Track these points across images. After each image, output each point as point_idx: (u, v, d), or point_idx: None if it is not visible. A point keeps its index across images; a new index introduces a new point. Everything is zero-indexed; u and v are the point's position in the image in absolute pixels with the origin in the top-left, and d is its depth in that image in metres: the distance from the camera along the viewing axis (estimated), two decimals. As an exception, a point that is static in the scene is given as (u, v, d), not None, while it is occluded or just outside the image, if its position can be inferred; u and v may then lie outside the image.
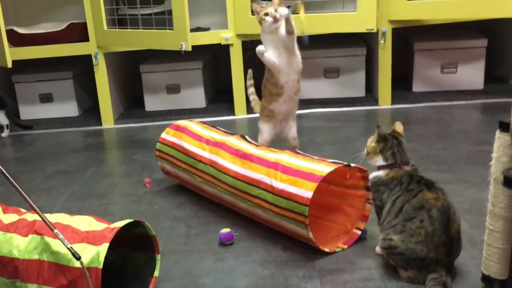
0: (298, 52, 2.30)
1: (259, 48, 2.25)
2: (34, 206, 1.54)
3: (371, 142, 1.72)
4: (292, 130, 2.43)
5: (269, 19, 2.20)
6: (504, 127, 1.30)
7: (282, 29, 2.23)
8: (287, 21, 2.20)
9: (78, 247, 1.58)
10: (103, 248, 1.53)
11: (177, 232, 2.02)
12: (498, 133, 1.36)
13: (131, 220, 1.62)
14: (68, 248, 1.52)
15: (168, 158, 2.33)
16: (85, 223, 1.67)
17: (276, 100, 2.34)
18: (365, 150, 1.73)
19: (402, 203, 1.58)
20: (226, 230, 1.91)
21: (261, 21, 2.24)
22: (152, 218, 2.14)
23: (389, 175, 1.66)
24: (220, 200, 2.15)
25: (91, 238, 1.58)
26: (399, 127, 1.73)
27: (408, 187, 1.60)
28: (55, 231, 1.53)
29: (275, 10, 2.21)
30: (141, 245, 1.73)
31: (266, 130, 2.39)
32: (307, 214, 1.73)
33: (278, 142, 2.42)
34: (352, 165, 1.82)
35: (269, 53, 2.25)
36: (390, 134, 1.70)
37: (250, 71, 2.53)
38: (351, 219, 1.91)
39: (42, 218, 1.55)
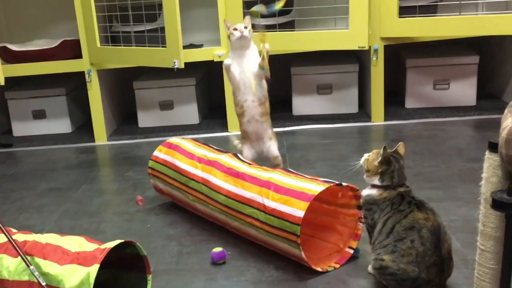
0: (264, 84, 2.45)
1: (227, 61, 2.43)
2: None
3: (373, 160, 1.69)
4: (271, 150, 2.50)
5: (236, 33, 2.38)
6: (493, 147, 1.30)
7: (252, 53, 2.43)
8: (263, 57, 2.36)
9: (68, 268, 1.57)
10: (94, 269, 1.52)
11: (169, 251, 2.01)
12: (487, 154, 1.35)
13: (122, 241, 1.61)
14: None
15: (160, 176, 2.33)
16: (75, 243, 1.66)
17: (240, 120, 2.50)
18: (365, 166, 1.71)
19: (393, 224, 1.58)
20: (218, 249, 1.91)
21: (229, 36, 2.42)
22: (145, 236, 2.14)
23: (382, 195, 1.66)
24: (212, 219, 2.14)
25: (81, 259, 1.58)
26: (401, 148, 1.72)
27: (399, 208, 1.61)
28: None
29: (245, 27, 2.39)
30: (132, 265, 1.72)
31: (245, 151, 2.51)
32: (299, 233, 1.72)
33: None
34: (344, 184, 1.82)
35: (233, 68, 2.43)
36: (392, 155, 1.68)
37: None
38: (343, 238, 1.91)
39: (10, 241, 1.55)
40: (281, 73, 3.70)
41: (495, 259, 1.40)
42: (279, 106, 3.08)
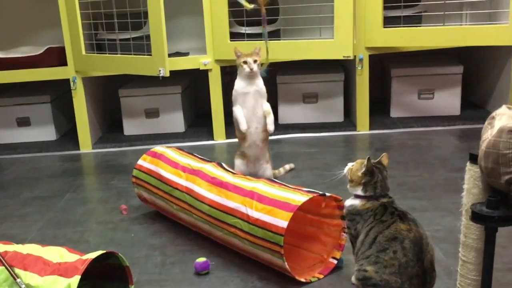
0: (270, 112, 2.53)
1: (236, 90, 2.51)
2: None
3: (357, 170, 1.68)
4: (266, 173, 2.55)
5: (246, 68, 2.45)
6: (474, 159, 1.30)
7: (259, 82, 2.53)
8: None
9: (49, 280, 1.55)
10: (75, 280, 1.51)
11: (153, 261, 2.00)
12: (468, 165, 1.36)
13: (104, 252, 1.61)
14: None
15: (144, 185, 2.32)
16: (57, 254, 1.65)
17: (241, 143, 2.55)
18: (349, 176, 1.70)
19: (376, 234, 1.58)
20: (202, 259, 1.90)
21: (238, 66, 2.49)
22: (128, 246, 2.12)
23: (365, 205, 1.66)
24: (196, 228, 2.13)
25: (62, 270, 1.56)
26: (385, 159, 1.71)
27: (381, 218, 1.61)
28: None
29: (254, 61, 2.45)
30: (115, 276, 1.71)
31: (238, 166, 2.55)
32: (282, 244, 1.72)
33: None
34: (327, 194, 1.82)
35: (238, 103, 2.52)
36: (376, 166, 1.68)
37: None
38: (327, 248, 1.91)
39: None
40: (267, 81, 3.71)
41: (476, 270, 1.41)
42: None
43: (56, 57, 3.41)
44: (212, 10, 3.18)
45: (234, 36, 3.24)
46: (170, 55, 3.27)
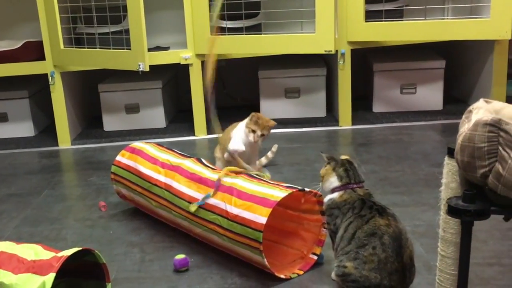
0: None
1: (235, 148, 2.43)
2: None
3: (322, 169, 1.73)
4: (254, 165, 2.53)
5: (250, 138, 2.42)
6: (452, 153, 1.30)
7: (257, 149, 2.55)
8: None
9: (23, 277, 1.53)
10: (49, 278, 1.49)
11: (131, 258, 1.98)
12: (446, 159, 1.36)
13: (80, 249, 1.58)
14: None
15: (123, 181, 2.28)
16: (31, 251, 1.62)
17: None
18: (320, 180, 1.72)
19: (355, 229, 1.57)
20: (181, 256, 1.89)
21: (246, 127, 2.45)
22: (106, 243, 2.11)
23: (342, 197, 1.65)
24: (175, 225, 2.11)
25: (37, 267, 1.54)
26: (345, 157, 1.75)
27: (360, 213, 1.60)
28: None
29: (261, 135, 2.43)
30: (92, 273, 1.69)
31: (218, 163, 2.52)
32: (261, 240, 1.70)
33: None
34: (307, 189, 1.80)
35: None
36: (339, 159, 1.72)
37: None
38: (307, 244, 1.89)
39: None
40: (248, 76, 3.71)
41: (455, 265, 1.40)
42: (246, 109, 3.06)
43: (34, 51, 3.36)
44: (193, 3, 3.14)
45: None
46: (150, 50, 3.25)
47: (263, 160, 2.73)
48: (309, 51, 3.13)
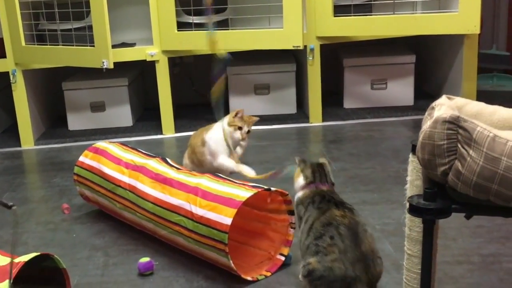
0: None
1: (227, 166, 2.37)
2: None
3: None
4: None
5: (238, 135, 2.35)
6: (416, 150, 1.27)
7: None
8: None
9: (-24, 286, 1.46)
10: (3, 285, 1.44)
11: (95, 262, 1.95)
12: (411, 156, 1.35)
13: (38, 254, 1.54)
14: None
15: (86, 182, 2.22)
16: (-13, 258, 1.55)
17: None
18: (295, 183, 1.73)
19: (313, 221, 1.59)
20: (145, 259, 1.86)
21: (230, 125, 2.37)
22: (69, 247, 2.06)
23: (305, 194, 1.66)
24: (140, 227, 2.05)
25: (-8, 275, 1.47)
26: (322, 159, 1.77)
27: (318, 205, 1.61)
28: None
29: (248, 132, 2.38)
30: (52, 279, 1.64)
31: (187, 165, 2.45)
32: (226, 241, 1.66)
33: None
34: (273, 189, 1.76)
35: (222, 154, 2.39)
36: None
37: None
38: (275, 244, 1.86)
39: None
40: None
41: (422, 264, 1.37)
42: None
43: (-6, 49, 3.27)
44: (158, -1, 3.09)
45: (181, 26, 3.15)
46: (115, 46, 3.20)
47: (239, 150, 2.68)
48: (277, 47, 3.10)
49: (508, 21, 3.91)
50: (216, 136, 2.39)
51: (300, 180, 1.69)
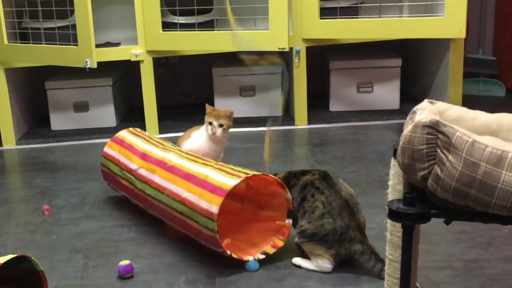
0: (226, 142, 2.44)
1: (189, 147, 2.34)
2: None
3: None
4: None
5: (208, 131, 2.32)
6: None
7: (222, 146, 2.42)
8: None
9: None
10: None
11: (74, 264, 1.92)
12: (393, 161, 1.34)
13: (15, 256, 1.51)
14: None
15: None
16: (-36, 260, 1.52)
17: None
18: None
19: (293, 192, 1.78)
20: (125, 262, 1.83)
21: (205, 122, 2.34)
22: (48, 249, 2.03)
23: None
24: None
25: (-34, 278, 1.44)
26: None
27: (291, 183, 1.81)
28: None
29: (220, 125, 2.30)
30: (29, 282, 1.60)
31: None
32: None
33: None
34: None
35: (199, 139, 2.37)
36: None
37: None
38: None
39: None
40: (202, 74, 3.63)
41: (403, 270, 1.35)
42: (200, 108, 3.00)
43: (-24, 47, 3.23)
44: (143, -2, 3.07)
45: (167, 26, 3.13)
46: (99, 46, 3.17)
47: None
48: (263, 49, 3.06)
49: (495, 25, 3.93)
50: (202, 133, 2.37)
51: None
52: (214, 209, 1.73)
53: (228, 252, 1.78)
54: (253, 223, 1.97)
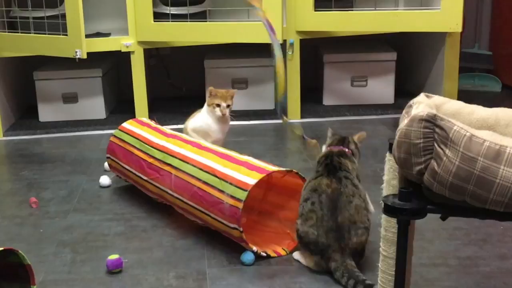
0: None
1: (195, 126, 2.43)
2: None
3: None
4: None
5: (218, 112, 2.37)
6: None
7: (228, 125, 2.48)
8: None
9: None
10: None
11: (62, 259, 1.90)
12: (388, 155, 1.32)
13: (1, 249, 1.50)
14: None
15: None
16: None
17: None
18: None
19: (307, 183, 1.76)
20: (114, 256, 1.82)
21: (209, 105, 2.39)
22: (35, 243, 2.01)
23: (320, 154, 1.84)
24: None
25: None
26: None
27: (317, 168, 1.77)
28: None
29: (227, 106, 2.37)
30: (16, 275, 1.59)
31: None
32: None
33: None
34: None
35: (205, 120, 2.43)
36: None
37: None
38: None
39: None
40: (194, 66, 3.60)
41: (398, 266, 1.33)
42: (191, 100, 2.97)
43: (-37, 36, 3.18)
44: (135, -12, 3.03)
45: (158, 16, 3.09)
46: (90, 36, 3.13)
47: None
48: (256, 40, 3.03)
49: (491, 20, 3.91)
50: (206, 115, 2.43)
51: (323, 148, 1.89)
52: (251, 181, 1.76)
53: (241, 229, 1.76)
54: (268, 221, 2.00)
